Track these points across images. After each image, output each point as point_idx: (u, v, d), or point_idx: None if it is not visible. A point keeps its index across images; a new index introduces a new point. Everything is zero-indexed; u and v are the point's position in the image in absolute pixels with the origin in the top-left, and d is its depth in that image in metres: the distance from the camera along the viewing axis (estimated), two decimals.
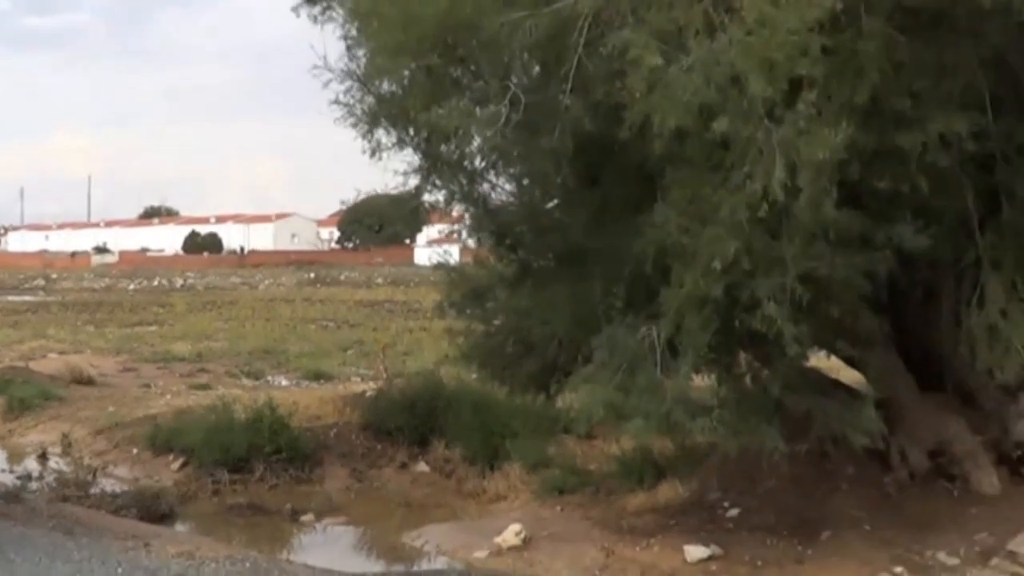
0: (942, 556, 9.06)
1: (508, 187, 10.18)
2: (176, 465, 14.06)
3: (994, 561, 8.98)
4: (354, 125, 9.23)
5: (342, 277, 63.91)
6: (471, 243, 11.09)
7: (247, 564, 7.55)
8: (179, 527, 12.12)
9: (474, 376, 11.99)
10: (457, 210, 10.23)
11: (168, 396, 18.11)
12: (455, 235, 10.85)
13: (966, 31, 7.78)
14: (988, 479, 10.62)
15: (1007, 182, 8.90)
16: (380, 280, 59.24)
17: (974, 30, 7.77)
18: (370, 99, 9.19)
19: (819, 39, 6.87)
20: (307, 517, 12.77)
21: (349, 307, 39.70)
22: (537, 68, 8.57)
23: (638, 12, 7.24)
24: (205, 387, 19.49)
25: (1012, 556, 9.03)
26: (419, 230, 59.30)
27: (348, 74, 9.27)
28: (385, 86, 8.98)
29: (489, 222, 10.17)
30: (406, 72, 8.51)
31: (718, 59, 7.02)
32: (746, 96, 7.00)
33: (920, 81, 7.72)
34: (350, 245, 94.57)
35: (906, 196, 7.98)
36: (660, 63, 7.08)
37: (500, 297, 10.61)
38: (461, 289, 10.91)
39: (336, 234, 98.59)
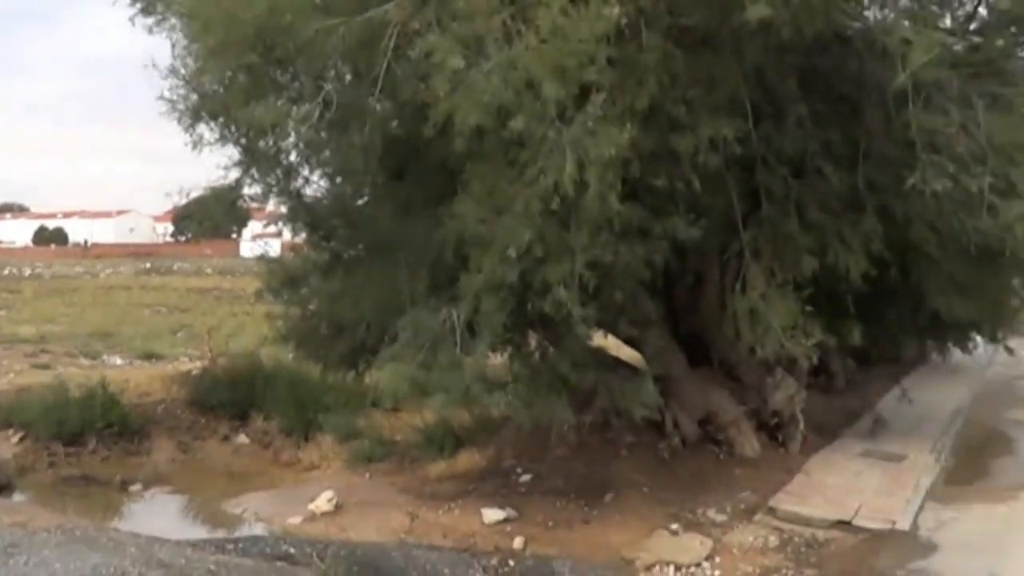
0: (712, 513, 10.01)
1: (323, 183, 10.57)
2: (15, 439, 14.19)
3: (757, 516, 10.02)
4: (178, 120, 9.40)
5: (175, 267, 63.50)
6: (289, 235, 11.46)
7: (77, 533, 7.67)
8: (17, 497, 12.22)
9: (292, 356, 12.42)
10: (274, 203, 10.54)
11: (11, 375, 17.86)
12: (275, 228, 11.14)
13: (731, 49, 8.59)
14: (750, 444, 11.82)
15: (766, 182, 9.92)
16: (210, 270, 58.99)
17: (738, 48, 8.59)
18: (193, 96, 9.36)
19: (606, 49, 7.32)
20: (136, 487, 13.20)
21: (180, 294, 39.37)
22: (350, 71, 8.83)
23: (443, 21, 7.62)
24: (46, 367, 19.34)
25: (772, 512, 10.11)
26: (244, 224, 58.97)
27: (173, 72, 9.45)
28: (208, 84, 9.13)
29: (304, 214, 10.54)
30: (227, 71, 8.67)
31: (515, 64, 7.39)
32: (540, 98, 7.34)
33: (693, 91, 8.42)
34: (183, 239, 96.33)
35: (680, 193, 8.75)
36: (462, 66, 7.45)
37: (314, 284, 11.04)
38: (279, 277, 11.32)
39: (171, 228, 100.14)
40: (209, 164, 9.48)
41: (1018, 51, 9.97)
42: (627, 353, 12.21)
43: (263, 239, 20.49)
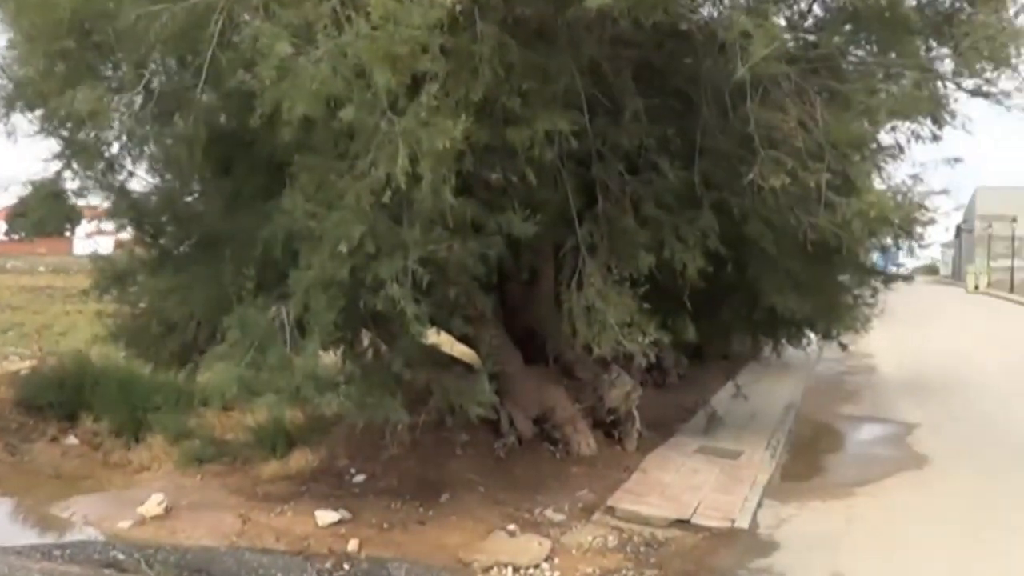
0: (549, 513, 10.07)
1: (149, 176, 10.27)
2: None
3: (596, 516, 10.10)
4: None
5: (8, 266, 61.23)
6: (115, 231, 11.13)
7: None
8: None
9: (123, 354, 12.04)
10: (96, 197, 10.16)
11: None
12: (100, 224, 10.78)
13: (567, 41, 8.70)
14: (586, 442, 11.96)
15: (602, 177, 10.05)
16: (43, 268, 56.92)
17: (573, 41, 8.70)
18: (7, 83, 8.98)
19: (439, 38, 7.30)
20: None
21: (12, 292, 37.79)
22: (174, 58, 8.61)
23: (270, 7, 7.49)
24: None
25: (611, 511, 10.20)
26: (75, 221, 57.21)
27: None
28: (22, 71, 8.76)
29: (128, 209, 10.23)
30: (43, 57, 8.33)
31: (345, 52, 7.30)
32: (371, 88, 7.29)
33: (528, 83, 8.45)
34: (16, 237, 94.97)
35: (515, 187, 8.81)
36: (289, 52, 7.32)
37: (142, 281, 10.70)
38: (107, 274, 10.93)
39: (3, 227, 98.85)
40: (31, 158, 9.06)
41: (853, 48, 10.33)
42: (462, 351, 12.21)
43: (97, 236, 19.95)
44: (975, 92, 10.04)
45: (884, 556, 9.14)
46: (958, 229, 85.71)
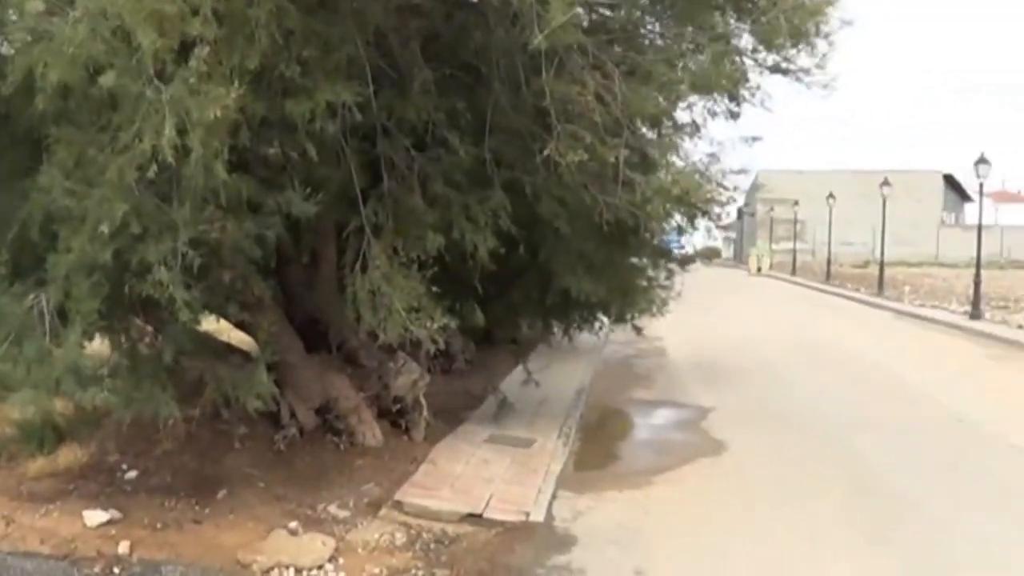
0: (333, 509, 9.84)
1: None
2: None
3: (383, 511, 9.93)
4: None
5: None
6: None
7: None
8: None
9: None
10: None
11: None
12: None
13: (350, 9, 8.50)
14: (371, 432, 11.79)
15: (388, 153, 9.88)
16: None
17: (357, 8, 8.51)
18: None
19: (211, 0, 7.00)
20: None
21: None
22: None
23: None
24: None
25: (398, 506, 10.05)
26: None
27: None
28: None
29: None
30: None
31: (106, 12, 6.96)
32: (135, 52, 6.97)
33: (309, 51, 8.20)
34: None
35: (295, 164, 8.58)
36: (42, 10, 7.00)
37: None
38: None
39: None
40: None
41: (651, 19, 10.46)
42: (241, 338, 11.86)
43: None
44: (774, 69, 10.38)
45: (686, 547, 9.34)
46: (739, 212, 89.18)
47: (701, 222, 12.79)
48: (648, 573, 8.63)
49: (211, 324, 10.81)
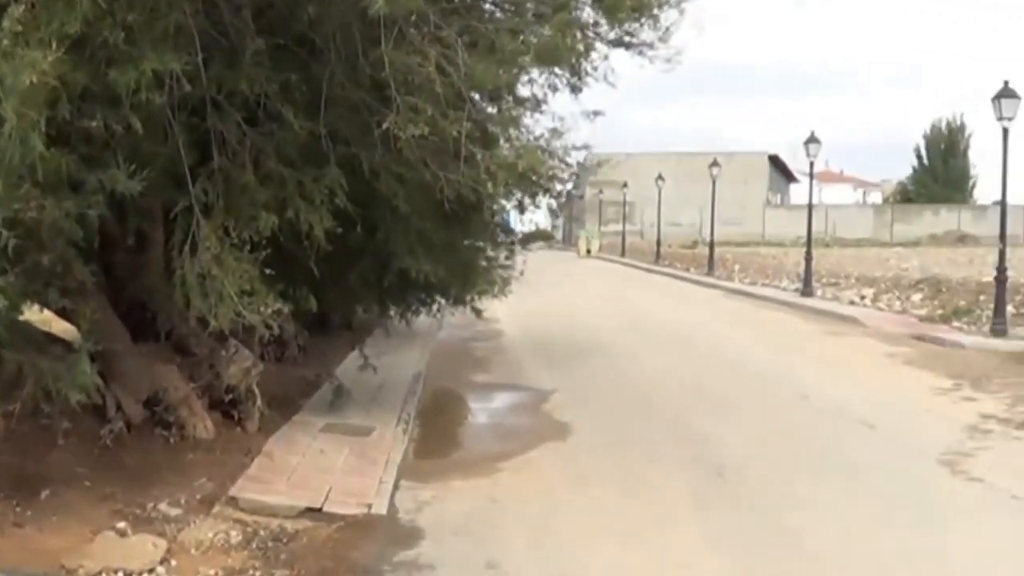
0: (164, 506, 9.46)
1: None
2: None
3: (216, 508, 9.60)
4: None
5: None
6: None
7: None
8: None
9: None
10: None
11: None
12: None
13: None
14: (203, 424, 11.45)
15: (218, 128, 9.54)
16: None
17: None
18: None
19: None
20: None
21: None
22: None
23: None
24: None
25: (233, 502, 9.75)
26: None
27: None
28: None
29: None
30: None
31: None
32: None
33: (134, 16, 7.85)
34: None
35: (120, 138, 8.18)
36: None
37: None
38: None
39: None
40: None
41: None
42: (64, 327, 11.33)
43: None
44: (616, 43, 10.41)
45: (536, 536, 9.28)
46: (568, 194, 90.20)
47: (543, 200, 12.80)
48: (501, 565, 8.52)
49: (36, 315, 10.38)
